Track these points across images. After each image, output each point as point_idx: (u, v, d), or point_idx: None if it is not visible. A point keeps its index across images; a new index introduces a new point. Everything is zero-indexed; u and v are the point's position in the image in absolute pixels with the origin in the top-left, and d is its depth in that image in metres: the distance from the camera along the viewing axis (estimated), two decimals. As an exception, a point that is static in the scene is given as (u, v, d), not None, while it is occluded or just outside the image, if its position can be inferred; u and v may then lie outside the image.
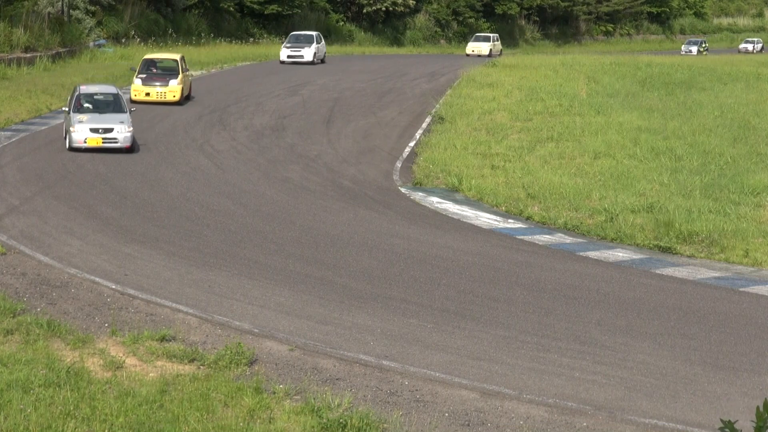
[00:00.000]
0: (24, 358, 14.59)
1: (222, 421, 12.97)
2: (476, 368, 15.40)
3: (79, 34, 55.07)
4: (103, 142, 30.48)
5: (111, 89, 33.01)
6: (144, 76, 39.97)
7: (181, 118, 37.45)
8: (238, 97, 43.14)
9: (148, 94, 39.44)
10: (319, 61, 60.89)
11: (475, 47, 76.85)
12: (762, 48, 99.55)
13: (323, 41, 63.67)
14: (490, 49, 75.56)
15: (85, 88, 32.52)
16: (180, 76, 39.97)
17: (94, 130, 30.48)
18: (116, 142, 30.64)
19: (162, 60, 41.42)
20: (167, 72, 40.31)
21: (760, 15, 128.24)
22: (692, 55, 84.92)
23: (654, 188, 28.04)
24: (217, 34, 69.82)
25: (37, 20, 50.44)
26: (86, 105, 31.63)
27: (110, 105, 31.85)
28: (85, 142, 30.42)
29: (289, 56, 59.76)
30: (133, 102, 38.39)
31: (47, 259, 19.87)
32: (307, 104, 42.23)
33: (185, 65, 41.25)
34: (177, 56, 41.46)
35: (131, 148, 31.00)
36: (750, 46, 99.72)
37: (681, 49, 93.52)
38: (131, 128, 31.01)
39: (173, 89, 39.62)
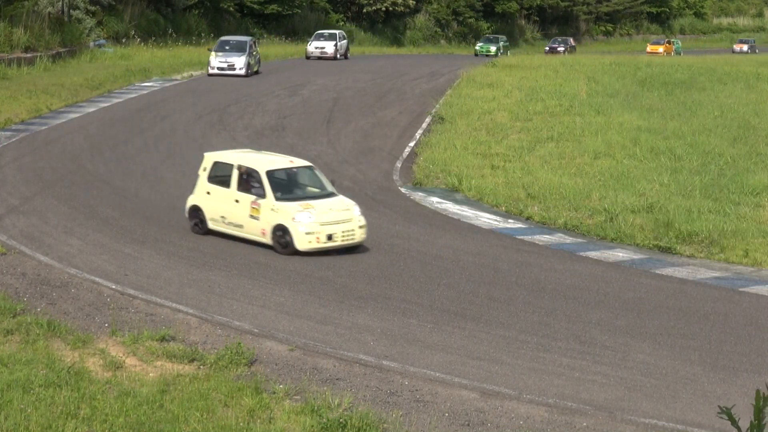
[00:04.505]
0: (24, 358, 14.58)
1: (222, 421, 12.97)
2: (476, 368, 15.39)
3: (79, 34, 54.98)
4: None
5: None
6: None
7: (181, 119, 37.44)
8: (238, 97, 43.12)
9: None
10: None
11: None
12: (346, 52, 64.96)
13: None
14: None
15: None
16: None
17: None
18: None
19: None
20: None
21: (760, 15, 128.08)
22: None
23: (654, 188, 28.02)
24: (217, 34, 69.57)
25: (37, 20, 50.34)
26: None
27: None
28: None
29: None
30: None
31: (47, 259, 19.87)
32: (307, 104, 42.20)
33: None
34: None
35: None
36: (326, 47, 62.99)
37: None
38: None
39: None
